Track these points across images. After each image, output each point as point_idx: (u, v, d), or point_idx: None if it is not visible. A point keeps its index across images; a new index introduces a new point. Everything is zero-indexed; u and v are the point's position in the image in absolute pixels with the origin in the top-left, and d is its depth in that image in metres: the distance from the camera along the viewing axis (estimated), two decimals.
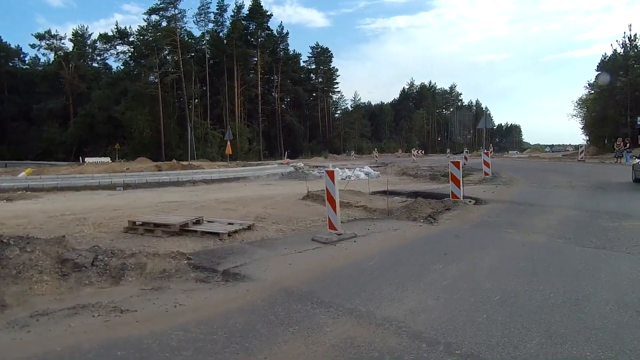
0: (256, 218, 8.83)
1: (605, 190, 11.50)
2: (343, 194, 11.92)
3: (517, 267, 4.63)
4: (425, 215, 8.14)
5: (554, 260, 4.86)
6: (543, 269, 4.56)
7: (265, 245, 6.09)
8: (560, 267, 4.60)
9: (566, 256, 5.04)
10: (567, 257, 4.99)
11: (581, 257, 4.97)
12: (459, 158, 22.98)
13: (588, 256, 5.02)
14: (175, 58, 52.73)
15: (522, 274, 4.38)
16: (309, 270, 4.79)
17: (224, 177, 17.70)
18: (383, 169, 27.42)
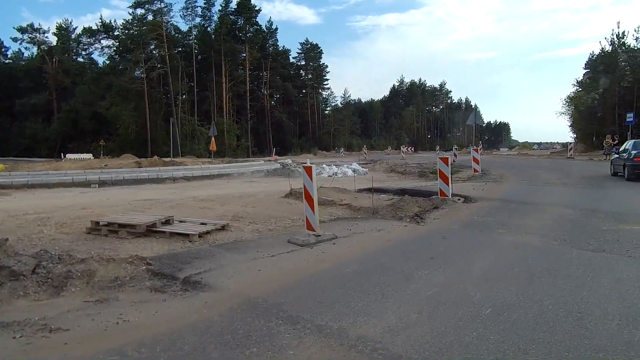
0: (233, 217, 8.31)
1: (598, 187, 11.18)
2: (328, 192, 11.45)
3: (510, 274, 4.17)
4: (412, 215, 7.68)
5: (550, 265, 4.41)
6: (539, 275, 4.11)
7: (237, 248, 5.58)
8: (558, 274, 4.15)
9: (563, 260, 4.60)
10: (564, 262, 4.54)
11: (579, 262, 4.53)
12: (449, 155, 22.67)
13: (587, 260, 4.58)
14: (161, 53, 51.59)
15: (516, 282, 3.92)
16: (279, 277, 4.29)
17: (206, 174, 17.08)
18: (372, 165, 26.98)
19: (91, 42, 57.30)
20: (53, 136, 54.00)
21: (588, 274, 4.14)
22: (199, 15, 57.12)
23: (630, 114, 25.72)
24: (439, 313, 3.27)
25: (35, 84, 57.51)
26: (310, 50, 75.74)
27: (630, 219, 6.81)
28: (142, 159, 19.41)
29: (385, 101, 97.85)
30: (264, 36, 65.54)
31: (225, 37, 55.80)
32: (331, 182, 12.97)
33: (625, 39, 40.33)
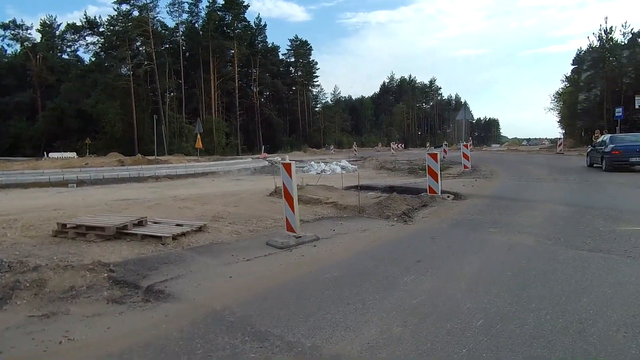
0: (213, 217, 7.92)
1: (589, 183, 10.94)
2: (314, 190, 11.08)
3: (503, 279, 3.83)
4: (400, 213, 7.34)
5: (545, 268, 4.09)
6: (533, 279, 3.78)
7: (211, 252, 5.19)
8: (554, 277, 3.82)
9: (559, 262, 4.28)
10: (560, 264, 4.23)
11: (576, 264, 4.21)
12: (438, 151, 22.41)
13: (584, 262, 4.27)
14: (147, 49, 50.75)
15: (510, 288, 3.59)
16: (251, 285, 3.91)
17: (190, 173, 16.59)
18: (361, 162, 26.70)
19: (75, 39, 56.11)
20: (38, 135, 52.91)
21: (587, 277, 3.82)
22: (185, 11, 56.39)
23: (619, 109, 25.71)
24: (425, 326, 2.92)
25: (19, 82, 56.37)
26: (299, 47, 75.21)
27: (625, 215, 6.54)
28: (126, 158, 18.83)
29: (375, 98, 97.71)
30: (252, 33, 64.91)
31: (213, 34, 55.09)
32: (318, 179, 12.60)
33: (613, 34, 40.53)
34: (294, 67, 76.64)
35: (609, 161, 14.04)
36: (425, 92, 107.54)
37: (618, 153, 13.86)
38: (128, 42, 48.78)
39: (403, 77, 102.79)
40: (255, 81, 66.21)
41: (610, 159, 13.99)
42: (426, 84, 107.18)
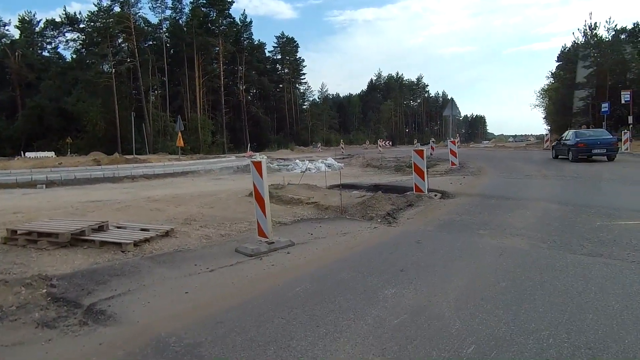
0: (185, 220, 7.37)
1: (580, 179, 10.61)
2: (296, 189, 10.57)
3: (496, 291, 3.37)
4: (384, 214, 6.88)
5: (542, 277, 3.64)
6: (530, 292, 3.33)
7: (172, 261, 4.65)
8: (553, 289, 3.38)
9: (557, 270, 3.84)
10: (558, 271, 3.79)
11: (576, 271, 3.78)
12: (426, 148, 22.05)
13: (585, 269, 3.84)
14: (130, 46, 49.57)
15: (504, 303, 3.12)
16: (209, 302, 3.39)
17: (169, 172, 15.93)
18: (348, 160, 26.29)
19: (55, 35, 54.53)
20: (17, 134, 51.31)
21: (589, 287, 3.38)
22: (169, 8, 55.19)
23: (605, 104, 25.60)
24: (406, 354, 2.44)
25: None
26: (286, 44, 74.42)
27: (622, 213, 6.15)
28: (103, 157, 18.09)
29: (363, 95, 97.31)
30: (238, 29, 63.95)
31: (197, 30, 54.02)
32: (300, 178, 12.08)
33: (597, 30, 40.69)
34: (280, 65, 75.79)
35: (575, 153, 16.00)
36: (413, 89, 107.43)
37: (583, 146, 15.86)
38: (109, 39, 47.53)
39: (390, 74, 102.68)
40: (241, 79, 65.27)
41: (576, 150, 15.93)
42: (413, 81, 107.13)
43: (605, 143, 15.90)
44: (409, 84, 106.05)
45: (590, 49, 39.11)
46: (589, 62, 36.72)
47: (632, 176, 10.91)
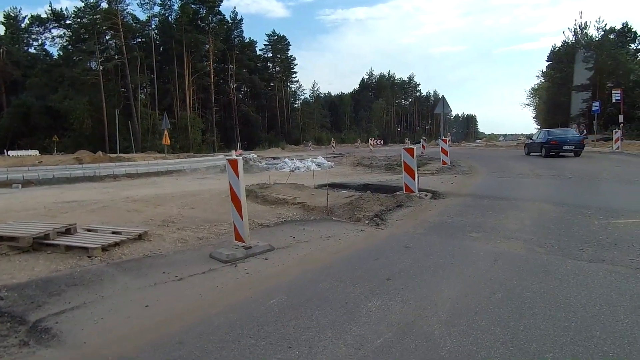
0: (163, 222, 6.99)
1: (573, 178, 10.36)
2: (283, 189, 10.21)
3: (492, 304, 3.03)
4: (372, 215, 6.54)
5: (541, 288, 3.31)
6: (529, 305, 3.00)
7: (139, 268, 4.26)
8: (554, 301, 3.05)
9: (557, 278, 3.52)
10: (558, 280, 3.46)
11: (578, 280, 3.46)
12: (417, 147, 21.80)
13: (586, 277, 3.52)
14: (118, 43, 48.70)
15: (501, 318, 2.79)
16: (170, 319, 3.01)
17: (153, 171, 15.44)
18: (339, 159, 25.95)
19: (41, 32, 53.42)
20: (3, 132, 50.19)
21: (594, 299, 3.05)
22: (157, 4, 54.22)
23: (596, 103, 25.55)
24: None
25: None
26: (277, 42, 73.82)
27: (621, 214, 5.86)
28: (85, 155, 17.54)
29: (354, 94, 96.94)
30: (228, 27, 63.23)
31: (187, 27, 53.24)
32: (288, 177, 11.72)
33: (588, 29, 40.83)
34: (271, 63, 75.15)
35: (547, 149, 18.04)
36: (404, 88, 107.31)
37: (555, 143, 17.95)
38: (96, 35, 46.64)
39: (382, 73, 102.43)
40: (232, 77, 64.54)
41: (548, 147, 18.00)
42: (405, 80, 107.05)
43: (573, 141, 18.13)
44: (401, 83, 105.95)
45: (591, 51, 38.89)
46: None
47: (627, 175, 10.69)
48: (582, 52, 39.42)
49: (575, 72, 37.05)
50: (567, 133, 19.72)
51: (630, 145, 22.93)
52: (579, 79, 36.55)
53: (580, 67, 36.67)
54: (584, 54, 38.75)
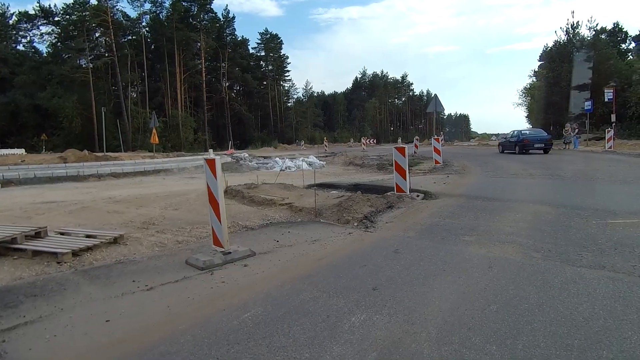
0: (143, 224, 6.70)
1: (567, 179, 10.17)
2: (271, 189, 9.92)
3: (487, 318, 2.77)
4: (361, 217, 6.27)
5: (540, 298, 3.06)
6: (528, 318, 2.74)
7: (107, 276, 3.95)
8: (555, 314, 2.79)
9: (556, 287, 3.26)
10: (557, 290, 3.21)
11: (579, 289, 3.20)
12: (410, 146, 21.60)
13: (587, 286, 3.27)
14: (108, 40, 48.04)
15: (497, 335, 2.52)
16: (130, 336, 2.71)
17: (139, 170, 15.05)
18: (331, 158, 25.69)
19: (29, 28, 52.51)
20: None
21: (597, 311, 2.80)
22: (148, 1, 53.57)
23: (589, 102, 25.50)
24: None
25: None
26: (270, 40, 73.34)
27: (618, 216, 5.63)
28: (70, 154, 17.08)
29: (348, 93, 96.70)
30: (220, 25, 62.67)
31: (178, 25, 52.71)
32: (277, 177, 11.42)
33: (580, 29, 40.90)
34: (264, 61, 74.67)
35: (520, 147, 20.80)
36: (397, 87, 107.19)
37: (527, 142, 20.74)
38: (86, 33, 45.94)
39: (375, 72, 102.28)
40: (224, 75, 64.06)
41: (522, 145, 20.77)
42: (398, 80, 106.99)
43: (543, 140, 20.81)
44: (394, 82, 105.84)
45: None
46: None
47: (621, 175, 10.52)
48: (583, 51, 39.39)
49: (575, 71, 36.95)
50: (537, 133, 22.07)
51: (622, 144, 22.92)
52: (577, 78, 36.47)
53: (580, 67, 36.56)
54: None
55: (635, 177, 9.89)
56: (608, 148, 20.33)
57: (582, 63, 37.45)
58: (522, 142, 20.78)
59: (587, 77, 35.21)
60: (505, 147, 22.96)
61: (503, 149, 23.28)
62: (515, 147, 21.13)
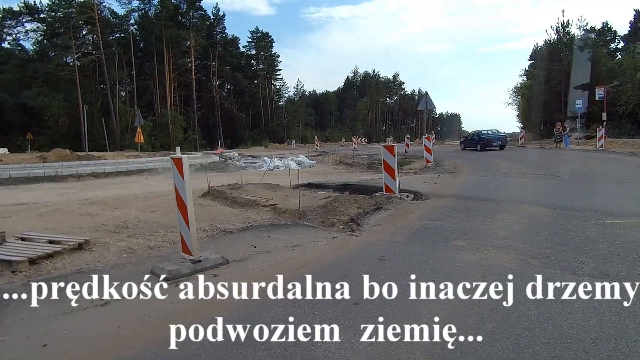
0: (115, 228, 6.30)
1: (561, 178, 9.90)
2: (256, 190, 9.53)
3: (483, 341, 2.41)
4: (347, 220, 5.92)
5: (541, 315, 2.71)
6: (529, 340, 2.38)
7: (62, 288, 3.54)
8: (559, 334, 2.45)
9: (558, 301, 2.92)
10: (560, 304, 2.87)
11: (583, 304, 2.87)
12: (401, 145, 21.30)
13: (592, 299, 2.93)
14: (95, 38, 47.17)
15: None
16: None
17: (122, 170, 14.55)
18: (322, 157, 25.34)
19: (13, 25, 51.37)
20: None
21: (606, 331, 2.46)
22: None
23: (579, 101, 25.39)
24: None
25: None
26: (261, 39, 72.70)
27: (617, 218, 5.33)
28: (50, 154, 16.53)
29: (339, 93, 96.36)
30: (210, 23, 61.99)
31: (167, 23, 51.89)
32: (262, 177, 11.02)
33: (570, 27, 40.91)
34: (255, 60, 74.03)
35: (482, 145, 23.77)
36: (389, 86, 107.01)
37: (487, 140, 23.81)
38: (72, 30, 45.03)
39: (367, 71, 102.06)
40: (214, 74, 63.35)
41: (482, 144, 23.81)
42: (390, 79, 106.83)
43: (499, 138, 24.03)
44: (386, 81, 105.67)
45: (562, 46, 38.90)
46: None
47: (615, 174, 10.28)
48: (576, 49, 39.36)
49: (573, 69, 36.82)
50: (495, 133, 24.80)
51: (612, 143, 22.81)
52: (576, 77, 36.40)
53: (573, 66, 36.45)
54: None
55: (630, 176, 9.64)
56: (599, 147, 20.19)
57: (574, 62, 37.44)
58: (483, 140, 23.96)
59: (580, 76, 35.18)
60: (467, 145, 25.73)
61: (465, 147, 25.92)
62: (477, 145, 24.12)
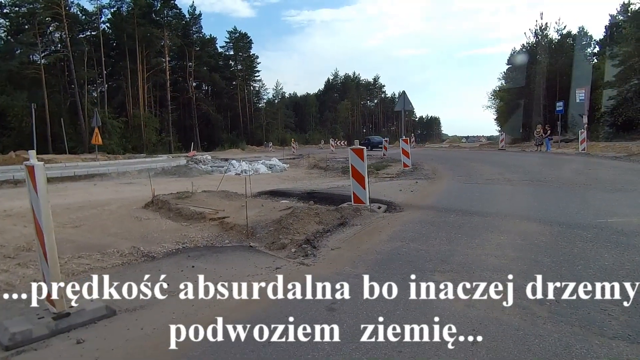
0: (14, 250, 5.09)
1: (550, 184, 8.97)
2: (207, 199, 8.30)
3: None
4: (302, 240, 4.77)
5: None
6: None
7: None
8: None
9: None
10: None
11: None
12: (378, 149, 20.30)
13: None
14: (62, 35, 44.99)
15: None
16: None
17: (68, 175, 13.06)
18: (297, 160, 24.25)
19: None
20: None
21: None
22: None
23: (560, 103, 24.92)
24: None
25: None
26: (239, 39, 71.17)
27: (631, 237, 4.34)
28: (6, 157, 14.95)
29: (320, 95, 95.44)
30: (186, 22, 60.20)
31: (140, 21, 50.04)
32: (219, 183, 9.79)
33: (548, 31, 40.99)
34: (233, 61, 72.40)
35: (371, 146, 32.99)
36: (370, 89, 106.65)
37: (373, 143, 34.67)
38: (37, 26, 42.77)
39: (347, 74, 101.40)
40: (191, 74, 61.53)
41: (372, 145, 33.70)
42: (370, 82, 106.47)
43: (376, 143, 34.98)
44: (366, 84, 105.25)
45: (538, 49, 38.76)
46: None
47: (608, 180, 9.43)
48: (552, 52, 39.32)
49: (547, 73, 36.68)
50: (376, 138, 38.02)
51: (593, 146, 22.35)
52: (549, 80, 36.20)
53: (550, 69, 36.34)
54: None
55: (625, 183, 8.77)
56: (582, 150, 19.62)
57: (551, 65, 37.38)
58: (371, 142, 36.16)
59: (558, 79, 35.06)
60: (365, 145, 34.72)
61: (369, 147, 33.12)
62: (368, 147, 30.00)
